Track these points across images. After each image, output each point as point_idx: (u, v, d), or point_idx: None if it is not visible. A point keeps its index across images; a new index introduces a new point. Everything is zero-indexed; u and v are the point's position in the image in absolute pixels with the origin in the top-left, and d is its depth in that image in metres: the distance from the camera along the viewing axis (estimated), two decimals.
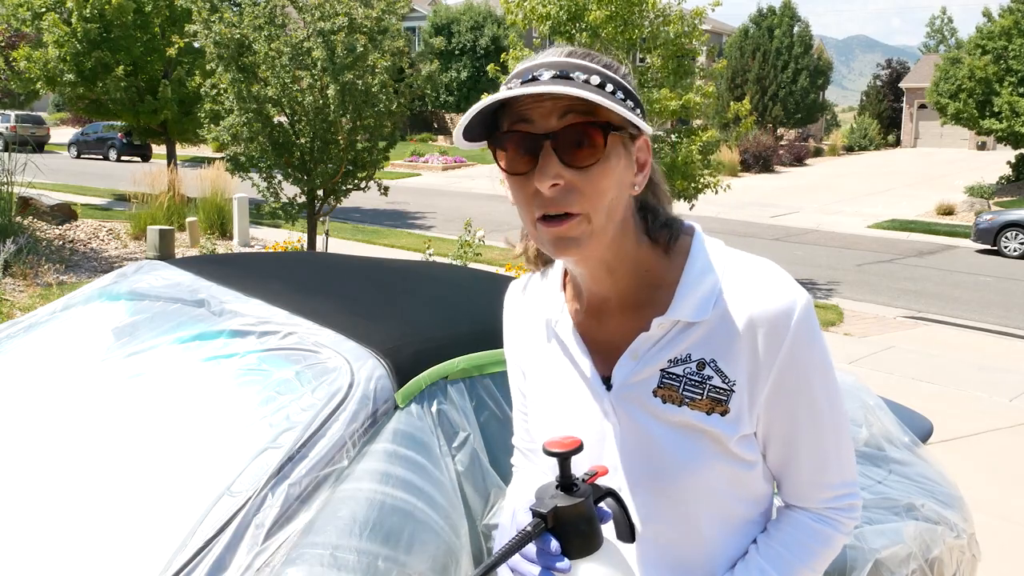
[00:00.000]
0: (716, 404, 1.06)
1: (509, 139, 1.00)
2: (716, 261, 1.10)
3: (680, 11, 9.44)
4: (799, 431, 1.09)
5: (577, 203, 0.99)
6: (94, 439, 1.57)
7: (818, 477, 1.12)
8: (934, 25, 63.81)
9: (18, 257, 8.57)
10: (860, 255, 14.94)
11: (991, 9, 25.05)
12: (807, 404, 1.08)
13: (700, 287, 1.07)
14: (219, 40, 8.92)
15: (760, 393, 1.07)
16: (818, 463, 1.12)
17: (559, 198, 0.98)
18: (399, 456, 1.41)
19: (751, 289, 1.07)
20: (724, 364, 1.06)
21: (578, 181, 0.98)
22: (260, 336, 1.67)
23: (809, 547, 1.12)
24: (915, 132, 43.03)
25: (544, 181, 0.97)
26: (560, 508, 0.98)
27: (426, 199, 20.28)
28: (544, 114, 0.98)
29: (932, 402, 5.95)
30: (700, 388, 1.06)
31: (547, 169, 0.97)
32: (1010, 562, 3.75)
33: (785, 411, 1.08)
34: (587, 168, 0.98)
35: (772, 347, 1.05)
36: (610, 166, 1.00)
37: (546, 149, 0.97)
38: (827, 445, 1.11)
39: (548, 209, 0.99)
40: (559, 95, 0.97)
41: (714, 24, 38.21)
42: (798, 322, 1.05)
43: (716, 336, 1.06)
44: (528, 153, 0.99)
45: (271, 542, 1.28)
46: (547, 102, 0.98)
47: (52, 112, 47.10)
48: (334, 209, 10.16)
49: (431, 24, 34.66)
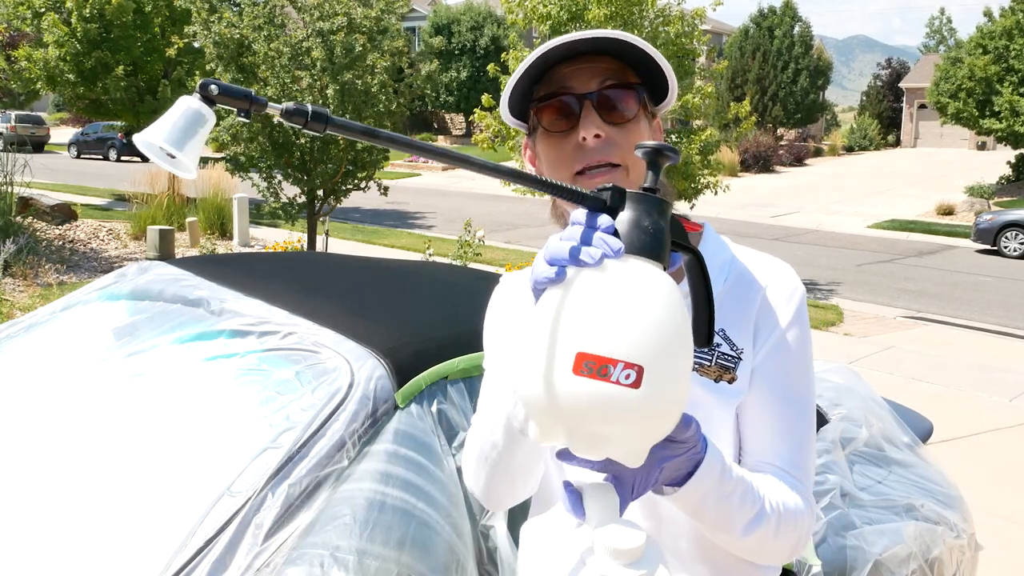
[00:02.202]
0: (724, 371, 1.09)
1: (552, 101, 1.09)
2: (727, 246, 1.18)
3: (680, 11, 9.43)
4: (772, 407, 1.10)
5: (617, 154, 1.07)
6: (94, 439, 1.57)
7: (773, 457, 1.10)
8: (933, 25, 63.83)
9: (18, 257, 8.56)
10: (860, 255, 14.94)
11: (991, 9, 25.06)
12: (784, 385, 1.11)
13: (713, 265, 1.12)
14: (218, 40, 8.92)
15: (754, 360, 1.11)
16: (780, 444, 1.10)
17: (601, 148, 1.06)
18: (399, 456, 1.41)
19: (761, 266, 1.14)
20: (732, 332, 1.11)
21: (617, 136, 1.07)
22: (260, 336, 1.67)
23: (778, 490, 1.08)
24: (915, 132, 43.03)
25: (589, 130, 1.06)
26: (632, 192, 0.84)
27: (426, 199, 20.27)
28: (584, 80, 1.07)
29: (932, 402, 5.95)
30: (709, 354, 1.10)
31: (591, 120, 1.06)
32: (1010, 562, 3.75)
33: (765, 384, 1.10)
34: (624, 125, 1.08)
35: (773, 319, 1.11)
36: (641, 127, 1.10)
37: (587, 107, 1.07)
38: (794, 429, 1.10)
39: (589, 160, 1.07)
40: (599, 53, 1.06)
41: (714, 24, 38.23)
42: (800, 304, 1.12)
43: (725, 308, 1.11)
44: (569, 113, 1.08)
45: (271, 542, 1.28)
46: (585, 70, 1.07)
47: (52, 112, 47.08)
48: (334, 209, 10.15)
49: (431, 24, 34.65)
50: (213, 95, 0.80)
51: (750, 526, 1.01)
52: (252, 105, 0.81)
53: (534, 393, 0.78)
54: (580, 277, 0.79)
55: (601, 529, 0.79)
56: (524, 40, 10.17)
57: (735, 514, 0.99)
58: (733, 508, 0.99)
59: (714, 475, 0.95)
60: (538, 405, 0.79)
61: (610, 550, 0.77)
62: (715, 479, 0.95)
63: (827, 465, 2.09)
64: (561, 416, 0.77)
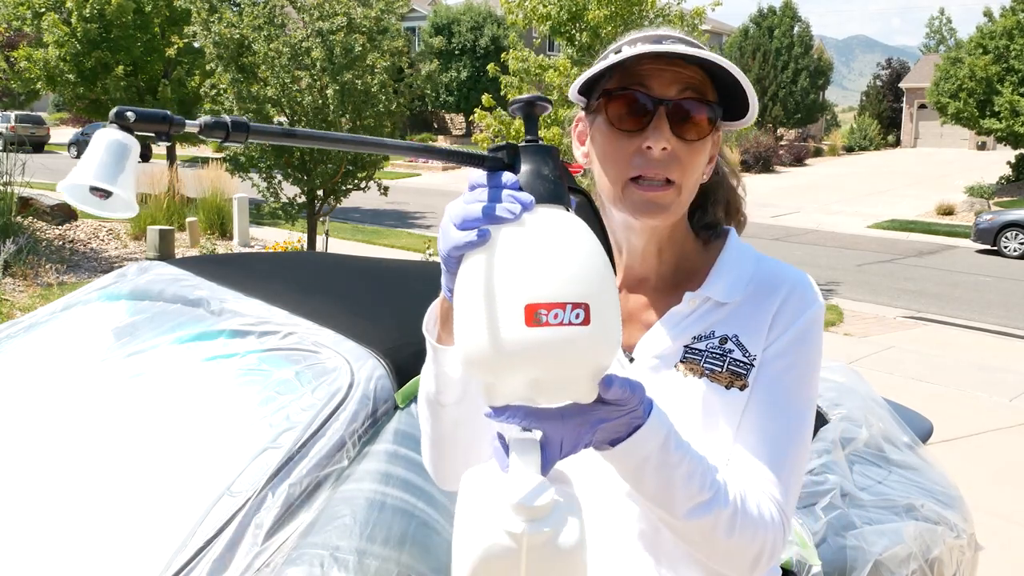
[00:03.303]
0: (736, 378, 1.07)
1: (625, 95, 1.03)
2: (752, 253, 1.15)
3: (680, 11, 9.44)
4: (763, 415, 1.06)
5: (676, 171, 1.03)
6: (94, 439, 1.57)
7: (754, 465, 1.05)
8: (933, 25, 63.85)
9: (18, 257, 8.56)
10: (860, 255, 14.94)
11: (991, 9, 25.06)
12: (780, 395, 1.07)
13: (734, 271, 1.12)
14: (218, 40, 8.92)
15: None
16: (763, 453, 1.05)
17: (664, 162, 1.03)
18: (399, 456, 1.41)
19: (781, 275, 1.12)
20: (746, 338, 1.09)
21: (681, 152, 1.03)
22: (260, 336, 1.67)
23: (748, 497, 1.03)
24: (915, 132, 43.02)
25: (659, 142, 1.01)
26: (524, 146, 0.86)
27: (426, 199, 20.28)
28: (664, 83, 1.03)
29: (932, 402, 5.94)
30: (721, 361, 1.08)
31: (662, 131, 1.02)
32: (1010, 562, 3.75)
33: (761, 390, 1.07)
34: (692, 142, 1.04)
35: (783, 324, 1.08)
36: (706, 146, 1.06)
37: (660, 113, 1.02)
38: (780, 442, 1.06)
39: (648, 171, 1.03)
40: (693, 61, 1.01)
41: (714, 24, 38.20)
42: (813, 319, 1.09)
43: (741, 314, 1.09)
44: (640, 114, 1.03)
45: (271, 542, 1.28)
46: (668, 73, 1.02)
47: (52, 112, 47.06)
48: (334, 209, 10.16)
49: (431, 24, 34.65)
50: (131, 123, 0.77)
51: (696, 511, 0.95)
52: (171, 127, 0.77)
53: (489, 354, 0.79)
54: (501, 235, 0.81)
55: (509, 483, 0.79)
56: (524, 40, 10.16)
57: (678, 491, 0.93)
58: (676, 483, 0.93)
59: (655, 442, 0.90)
60: (497, 365, 0.79)
61: (514, 505, 0.77)
62: (655, 446, 0.90)
63: (827, 465, 2.09)
64: (523, 370, 0.79)
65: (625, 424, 0.88)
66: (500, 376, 0.80)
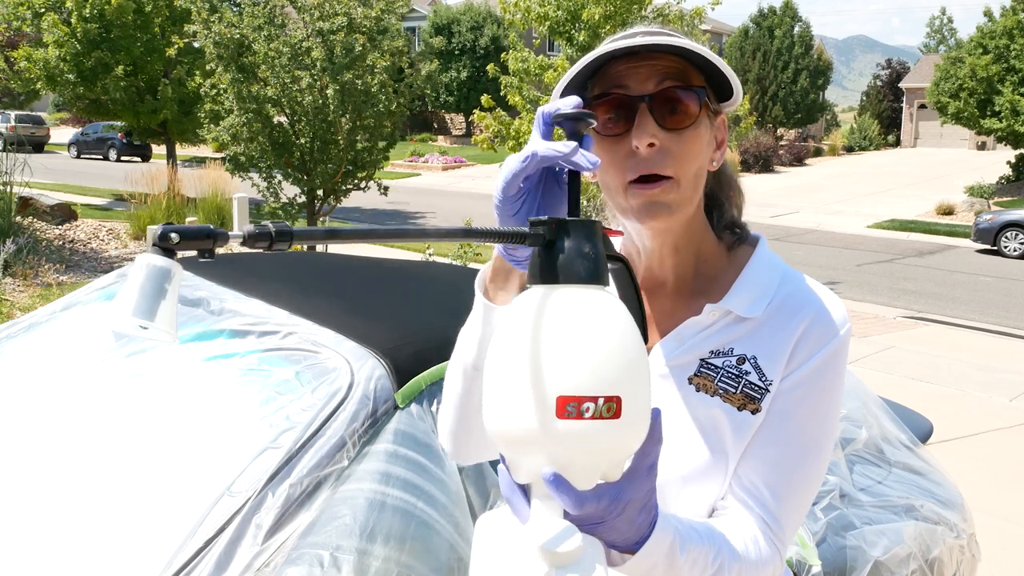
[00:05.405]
0: (749, 401, 1.04)
1: (606, 101, 1.03)
2: (778, 267, 1.11)
3: (679, 11, 9.43)
4: (776, 443, 1.04)
5: (670, 166, 1.01)
6: (95, 439, 1.57)
7: (757, 494, 1.04)
8: (933, 25, 63.86)
9: (18, 257, 8.57)
10: (860, 255, 14.94)
11: (991, 9, 25.07)
12: (796, 425, 1.04)
13: (758, 285, 1.08)
14: (219, 40, 8.92)
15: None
16: (771, 482, 1.04)
17: (654, 159, 1.01)
18: (399, 456, 1.41)
19: (808, 296, 1.07)
20: (764, 362, 1.05)
21: (671, 144, 1.01)
22: (260, 336, 1.67)
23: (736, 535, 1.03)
24: (915, 132, 43.02)
25: (642, 139, 1.00)
26: (569, 221, 0.83)
27: (426, 199, 20.28)
28: (641, 79, 1.01)
29: (932, 402, 5.95)
30: (736, 381, 1.05)
31: (644, 128, 1.00)
32: (1010, 562, 3.75)
33: (777, 417, 1.04)
34: (680, 131, 1.02)
35: (805, 354, 1.04)
36: (700, 133, 1.03)
37: (642, 110, 1.00)
38: (791, 473, 1.04)
39: (641, 170, 1.01)
40: (660, 52, 0.99)
41: (714, 24, 38.19)
42: (839, 346, 1.05)
43: (762, 334, 1.06)
44: (624, 115, 1.02)
45: (271, 542, 1.28)
46: (644, 68, 1.01)
47: (52, 112, 47.07)
48: (334, 209, 10.16)
49: (431, 24, 34.64)
50: (173, 244, 0.71)
51: None
52: (215, 241, 0.71)
53: (518, 438, 0.79)
54: (537, 315, 0.79)
55: (532, 527, 0.79)
56: (524, 40, 10.16)
57: None
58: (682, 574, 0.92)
59: (660, 552, 0.89)
60: (524, 448, 0.79)
61: (539, 549, 0.76)
62: (662, 554, 0.89)
63: None
64: (551, 456, 0.78)
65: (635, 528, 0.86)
66: (527, 457, 0.80)
